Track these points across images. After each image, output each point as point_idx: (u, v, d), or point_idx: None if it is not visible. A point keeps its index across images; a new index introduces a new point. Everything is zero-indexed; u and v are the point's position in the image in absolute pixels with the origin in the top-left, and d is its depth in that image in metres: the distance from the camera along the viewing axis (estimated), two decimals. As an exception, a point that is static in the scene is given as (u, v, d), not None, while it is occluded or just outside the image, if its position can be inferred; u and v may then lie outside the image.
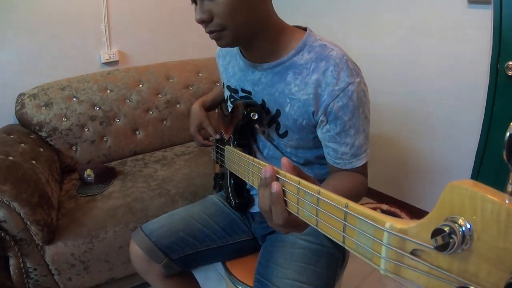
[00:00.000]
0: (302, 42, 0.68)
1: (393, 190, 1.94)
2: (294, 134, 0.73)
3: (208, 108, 1.00)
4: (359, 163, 0.70)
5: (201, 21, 0.64)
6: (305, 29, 0.72)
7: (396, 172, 1.90)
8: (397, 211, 1.86)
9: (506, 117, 1.35)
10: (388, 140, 1.86)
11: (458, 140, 1.56)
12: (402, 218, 1.79)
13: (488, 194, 0.21)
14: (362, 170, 0.72)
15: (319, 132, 0.71)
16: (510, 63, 1.27)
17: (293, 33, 0.71)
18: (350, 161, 0.69)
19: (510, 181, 0.21)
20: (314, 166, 0.81)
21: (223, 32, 0.65)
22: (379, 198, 1.98)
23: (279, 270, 0.73)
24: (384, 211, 1.87)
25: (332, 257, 0.77)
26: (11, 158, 1.21)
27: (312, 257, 0.74)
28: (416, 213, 1.80)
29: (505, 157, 0.21)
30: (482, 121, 1.43)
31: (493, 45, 1.31)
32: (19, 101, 1.58)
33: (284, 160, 0.46)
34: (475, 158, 1.49)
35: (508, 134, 0.21)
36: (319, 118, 0.67)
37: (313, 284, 0.70)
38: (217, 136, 0.91)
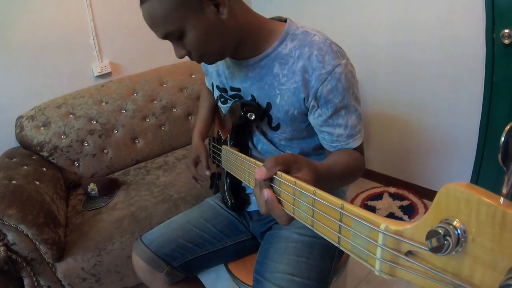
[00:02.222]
0: (285, 32, 0.69)
1: (399, 172, 1.92)
2: (287, 126, 0.74)
3: (206, 135, 1.02)
4: (355, 143, 0.70)
5: (181, 57, 0.68)
6: (285, 20, 0.72)
7: (401, 153, 1.87)
8: (405, 192, 1.84)
9: (507, 86, 1.32)
10: (390, 122, 1.83)
11: (460, 114, 1.53)
12: (410, 200, 1.78)
13: (483, 197, 0.21)
14: (359, 150, 0.72)
15: (311, 118, 0.71)
16: (505, 31, 1.23)
17: (274, 25, 0.71)
18: (347, 142, 0.70)
19: (506, 184, 0.21)
20: (311, 158, 0.81)
21: (205, 57, 0.69)
22: (385, 181, 1.96)
23: (272, 265, 0.73)
24: (391, 194, 1.85)
25: (327, 248, 0.76)
26: (14, 182, 1.23)
27: (305, 250, 0.74)
28: (424, 193, 1.79)
29: (500, 160, 0.21)
30: (483, 92, 1.40)
31: (486, 15, 1.28)
32: (18, 124, 1.59)
33: (262, 167, 0.47)
34: (479, 130, 1.47)
35: (502, 138, 0.21)
36: (309, 103, 0.68)
37: (305, 276, 0.70)
38: (208, 173, 0.93)
